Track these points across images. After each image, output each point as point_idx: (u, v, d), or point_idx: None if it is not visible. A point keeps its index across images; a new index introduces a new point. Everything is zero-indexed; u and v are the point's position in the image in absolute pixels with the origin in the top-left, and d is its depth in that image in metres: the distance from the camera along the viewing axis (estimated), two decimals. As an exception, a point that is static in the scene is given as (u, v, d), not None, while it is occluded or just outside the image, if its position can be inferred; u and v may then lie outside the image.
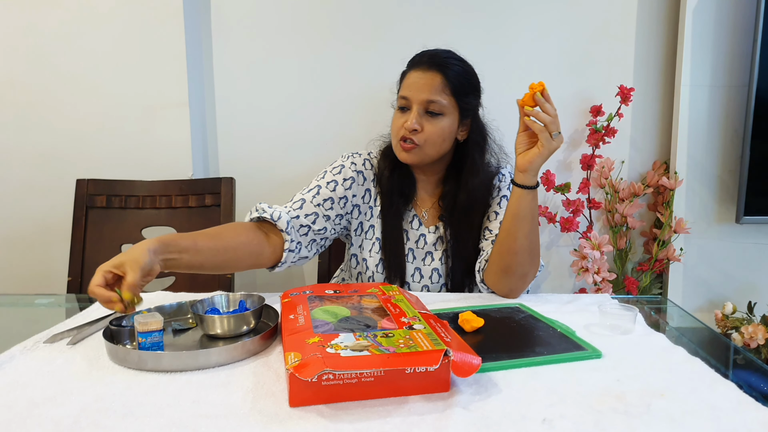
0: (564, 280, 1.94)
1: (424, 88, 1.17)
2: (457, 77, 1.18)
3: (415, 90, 1.17)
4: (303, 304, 0.90)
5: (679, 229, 1.75)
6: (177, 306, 0.98)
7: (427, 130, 1.17)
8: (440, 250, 1.27)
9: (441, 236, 1.28)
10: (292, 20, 1.80)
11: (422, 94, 1.17)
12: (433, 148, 1.20)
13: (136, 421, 0.62)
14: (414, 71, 1.20)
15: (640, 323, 0.95)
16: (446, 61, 1.19)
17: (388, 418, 0.62)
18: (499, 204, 1.25)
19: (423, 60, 1.20)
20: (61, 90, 1.75)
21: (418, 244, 1.28)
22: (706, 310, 1.85)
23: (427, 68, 1.18)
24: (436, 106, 1.17)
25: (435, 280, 1.27)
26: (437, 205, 1.30)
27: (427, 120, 1.18)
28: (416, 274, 1.27)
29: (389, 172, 1.26)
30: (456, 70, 1.19)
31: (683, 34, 1.74)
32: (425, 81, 1.17)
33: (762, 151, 1.69)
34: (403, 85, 1.21)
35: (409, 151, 1.19)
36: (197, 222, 1.66)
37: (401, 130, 1.19)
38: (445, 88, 1.17)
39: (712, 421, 0.61)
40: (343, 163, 1.27)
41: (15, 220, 1.80)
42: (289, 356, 0.67)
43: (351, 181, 1.25)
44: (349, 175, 1.25)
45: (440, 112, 1.18)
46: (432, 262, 1.27)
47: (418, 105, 1.17)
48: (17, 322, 1.16)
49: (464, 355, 0.68)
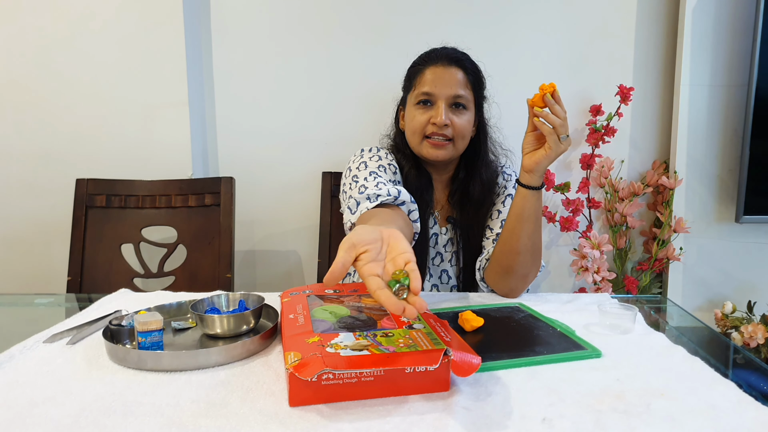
0: (564, 279, 1.94)
1: (451, 82, 1.17)
2: (474, 72, 1.21)
3: (441, 85, 1.17)
4: (303, 304, 0.90)
5: (678, 228, 1.75)
6: (177, 305, 0.98)
7: (456, 124, 1.17)
8: (450, 252, 1.27)
9: (452, 238, 1.27)
10: (291, 20, 1.80)
11: (449, 89, 1.17)
12: (463, 142, 1.20)
13: (136, 420, 0.61)
14: (433, 67, 1.19)
15: (639, 323, 0.95)
16: (464, 56, 1.22)
17: (388, 418, 0.62)
18: (503, 203, 1.25)
19: (441, 56, 1.20)
20: (61, 90, 1.75)
21: (431, 243, 1.27)
22: (706, 309, 1.85)
23: (448, 64, 1.19)
24: (462, 100, 1.18)
25: (445, 280, 1.27)
26: (448, 204, 1.29)
27: (454, 114, 1.18)
28: (427, 273, 1.27)
29: (415, 170, 1.23)
30: (472, 65, 1.22)
31: (683, 33, 1.74)
32: (450, 76, 1.18)
33: (762, 150, 1.70)
34: (422, 80, 1.20)
35: (442, 147, 1.17)
36: (197, 222, 1.66)
37: (428, 126, 1.17)
38: (468, 83, 1.19)
39: (712, 421, 0.61)
40: (378, 154, 1.21)
41: (15, 220, 1.80)
42: (289, 356, 0.67)
43: (392, 166, 1.21)
44: (388, 161, 1.20)
45: (465, 105, 1.19)
46: (441, 263, 1.27)
47: (444, 100, 1.17)
48: (17, 321, 1.16)
49: (464, 354, 0.68)
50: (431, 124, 1.17)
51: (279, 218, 1.89)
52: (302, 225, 1.88)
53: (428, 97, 1.18)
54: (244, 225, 1.86)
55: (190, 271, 1.64)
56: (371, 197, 1.02)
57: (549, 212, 1.79)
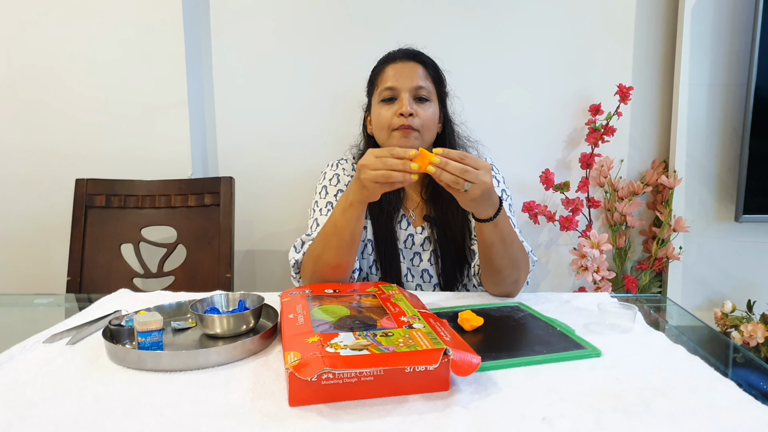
0: (563, 278, 1.94)
1: (411, 76, 1.20)
2: (433, 67, 1.25)
3: (402, 79, 1.20)
4: (302, 304, 0.90)
5: (678, 227, 1.75)
6: (176, 305, 0.98)
7: (422, 115, 1.20)
8: (428, 250, 1.28)
9: (428, 236, 1.28)
10: (291, 20, 1.80)
11: (410, 82, 1.20)
12: (429, 133, 1.22)
13: (136, 420, 0.61)
14: (393, 64, 1.23)
15: (639, 322, 0.95)
16: (420, 53, 1.26)
17: (388, 417, 0.62)
18: None
19: (399, 54, 1.25)
20: (61, 90, 1.75)
21: (407, 245, 1.28)
22: (706, 308, 1.85)
23: (406, 60, 1.23)
24: (424, 92, 1.21)
25: (426, 279, 1.28)
26: (423, 204, 1.30)
27: (418, 106, 1.20)
28: (408, 274, 1.28)
29: None
30: (430, 61, 1.26)
31: (682, 32, 1.74)
32: (409, 69, 1.21)
33: (761, 149, 1.70)
34: (384, 78, 1.23)
35: (409, 135, 1.18)
36: (197, 221, 1.66)
37: (394, 120, 1.19)
38: (428, 76, 1.23)
39: (712, 420, 0.61)
40: (337, 172, 1.29)
41: (15, 220, 1.80)
42: (289, 355, 0.67)
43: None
44: (347, 180, 1.27)
45: (428, 98, 1.21)
46: (421, 263, 1.28)
47: (407, 92, 1.19)
48: (16, 321, 1.16)
49: (464, 354, 0.68)
50: (397, 117, 1.18)
51: (279, 218, 1.89)
52: (302, 225, 1.88)
53: (392, 93, 1.20)
54: (243, 225, 1.86)
55: (190, 271, 1.64)
56: (292, 261, 1.14)
57: (549, 212, 1.79)
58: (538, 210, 1.78)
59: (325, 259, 1.07)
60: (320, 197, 1.27)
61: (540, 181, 1.78)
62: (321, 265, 1.08)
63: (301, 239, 1.17)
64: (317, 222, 1.21)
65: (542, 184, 1.78)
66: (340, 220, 1.04)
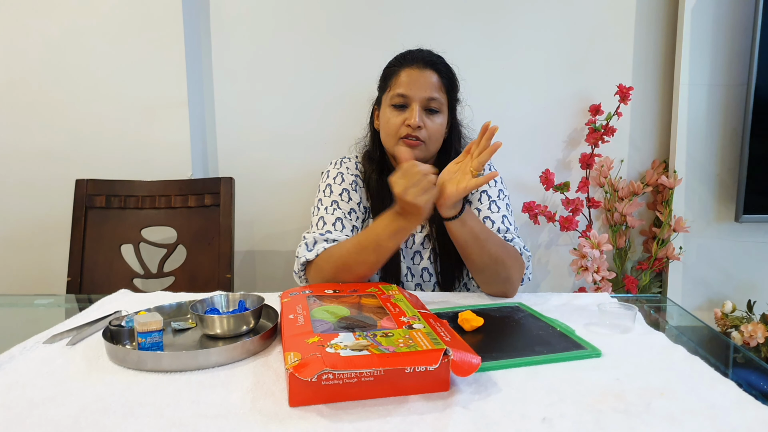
0: (563, 279, 1.94)
1: (425, 86, 1.18)
2: (448, 76, 1.23)
3: (416, 88, 1.18)
4: (302, 304, 0.90)
5: (678, 227, 1.75)
6: (176, 306, 0.98)
7: (429, 127, 1.19)
8: (428, 249, 1.28)
9: (428, 235, 1.28)
10: (291, 20, 1.80)
11: (423, 92, 1.18)
12: (435, 144, 1.22)
13: (136, 421, 0.61)
14: (409, 69, 1.20)
15: (639, 322, 0.95)
16: (438, 59, 1.23)
17: (388, 418, 0.62)
18: (480, 200, 1.25)
19: (417, 59, 1.21)
20: (61, 90, 1.75)
21: (407, 244, 1.28)
22: (706, 308, 1.85)
23: (423, 66, 1.20)
24: (435, 104, 1.19)
25: (426, 278, 1.28)
26: None
27: (427, 117, 1.19)
28: (408, 274, 1.28)
29: (377, 174, 1.27)
30: (446, 69, 1.23)
31: (682, 33, 1.74)
32: (425, 79, 1.19)
33: (761, 149, 1.70)
34: (397, 82, 1.21)
35: (416, 147, 1.18)
36: (197, 222, 1.66)
37: (402, 128, 1.18)
38: (442, 87, 1.21)
39: (712, 420, 0.61)
40: (341, 170, 1.29)
41: (14, 220, 1.80)
42: (289, 356, 0.67)
43: (354, 183, 1.27)
44: (351, 179, 1.27)
45: (438, 109, 1.20)
46: (421, 261, 1.28)
47: (419, 102, 1.18)
48: (17, 322, 1.16)
49: (464, 354, 0.68)
50: (405, 126, 1.18)
51: (279, 218, 1.89)
52: (302, 225, 1.88)
53: (403, 100, 1.19)
54: (243, 225, 1.86)
55: (190, 272, 1.64)
56: (328, 240, 1.14)
57: (549, 212, 1.79)
58: (538, 210, 1.78)
59: (356, 270, 1.08)
60: (324, 195, 1.26)
61: (540, 181, 1.78)
62: (347, 274, 1.08)
63: (313, 237, 1.15)
64: (324, 220, 1.20)
65: (542, 185, 1.78)
66: (386, 242, 1.04)
